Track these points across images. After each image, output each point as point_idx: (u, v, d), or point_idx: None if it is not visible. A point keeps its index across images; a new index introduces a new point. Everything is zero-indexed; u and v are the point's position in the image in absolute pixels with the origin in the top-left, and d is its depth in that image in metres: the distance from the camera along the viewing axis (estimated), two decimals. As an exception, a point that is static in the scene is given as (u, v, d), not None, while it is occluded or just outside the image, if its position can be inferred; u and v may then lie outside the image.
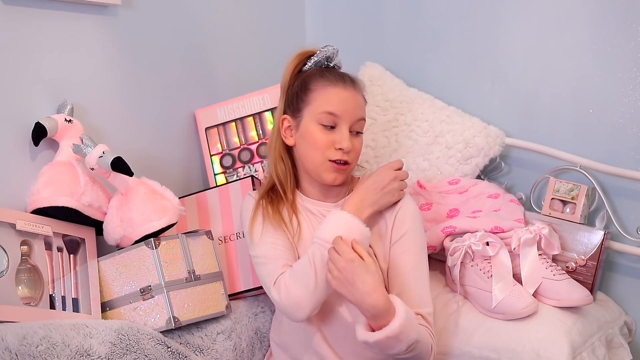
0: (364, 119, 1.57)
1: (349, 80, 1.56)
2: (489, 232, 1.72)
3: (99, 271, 1.56)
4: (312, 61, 1.59)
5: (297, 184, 1.62)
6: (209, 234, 1.66)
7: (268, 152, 1.63)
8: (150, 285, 1.51)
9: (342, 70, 1.62)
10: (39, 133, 1.54)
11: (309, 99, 1.55)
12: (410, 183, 1.94)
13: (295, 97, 1.57)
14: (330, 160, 1.52)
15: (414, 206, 1.58)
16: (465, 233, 1.75)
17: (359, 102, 1.56)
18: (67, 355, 1.31)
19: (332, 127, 1.53)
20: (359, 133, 1.56)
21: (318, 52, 1.59)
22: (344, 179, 1.56)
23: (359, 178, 1.65)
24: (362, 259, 1.36)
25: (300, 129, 1.56)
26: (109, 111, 1.74)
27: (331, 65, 1.60)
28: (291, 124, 1.58)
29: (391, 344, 1.36)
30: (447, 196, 1.87)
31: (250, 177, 1.76)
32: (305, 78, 1.58)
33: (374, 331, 1.37)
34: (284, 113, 1.59)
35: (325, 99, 1.53)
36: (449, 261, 1.73)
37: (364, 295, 1.35)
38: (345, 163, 1.53)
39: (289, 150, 1.61)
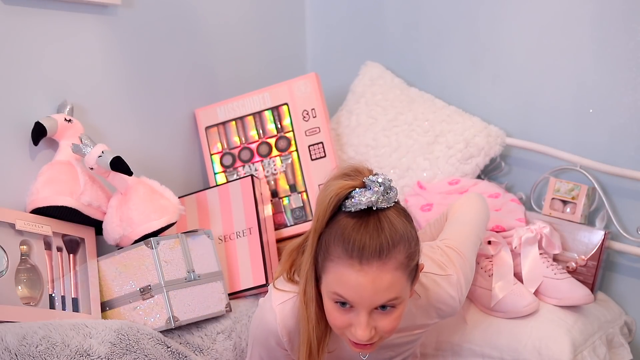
0: (393, 299, 1.19)
1: (369, 255, 1.17)
2: (490, 230, 1.72)
3: (98, 271, 1.56)
4: (350, 205, 1.20)
5: None
6: (208, 233, 1.66)
7: (301, 299, 1.28)
8: (150, 285, 1.51)
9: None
10: (39, 132, 1.54)
11: (326, 267, 1.22)
12: (411, 183, 1.95)
13: (319, 254, 1.24)
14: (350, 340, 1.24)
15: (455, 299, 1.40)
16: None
17: (384, 282, 1.18)
18: (66, 355, 1.31)
19: (349, 306, 1.20)
20: (389, 307, 1.20)
21: (354, 196, 1.20)
22: (375, 349, 1.26)
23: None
24: None
25: (321, 291, 1.26)
26: (108, 111, 1.74)
27: (374, 208, 1.20)
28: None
29: None
30: (447, 197, 1.87)
31: (250, 177, 1.76)
32: (328, 238, 1.22)
33: None
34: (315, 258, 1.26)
35: (336, 277, 1.20)
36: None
37: None
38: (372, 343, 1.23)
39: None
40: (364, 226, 1.19)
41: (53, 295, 1.47)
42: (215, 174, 1.94)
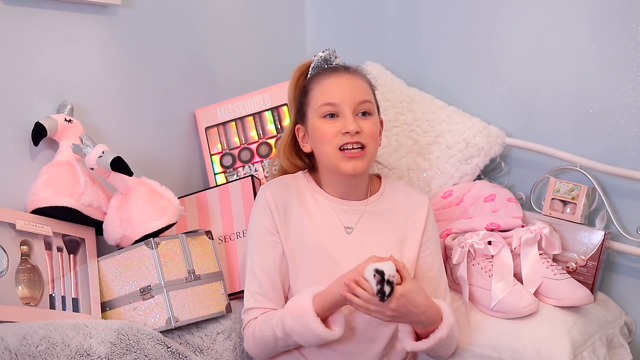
0: (368, 101, 1.54)
1: (342, 69, 1.57)
2: (485, 229, 1.72)
3: (98, 271, 1.56)
4: (311, 69, 1.61)
5: (321, 185, 1.61)
6: (209, 233, 1.66)
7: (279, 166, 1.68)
8: (150, 285, 1.51)
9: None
10: (39, 133, 1.54)
11: (309, 99, 1.57)
12: (411, 184, 1.94)
13: (300, 104, 1.60)
14: (341, 150, 1.50)
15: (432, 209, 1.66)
16: (461, 234, 1.76)
17: (358, 85, 1.55)
18: (67, 355, 1.31)
19: (336, 116, 1.52)
20: (367, 114, 1.53)
21: (314, 57, 1.61)
22: (364, 166, 1.53)
23: (379, 177, 1.66)
24: (406, 282, 1.38)
25: (309, 131, 1.57)
26: (109, 111, 1.74)
27: (332, 65, 1.60)
28: (304, 131, 1.59)
29: (437, 349, 1.46)
30: (444, 212, 1.87)
31: (250, 177, 1.76)
32: (304, 84, 1.61)
33: (419, 339, 1.45)
34: (297, 123, 1.61)
35: (321, 92, 1.54)
36: (453, 259, 1.72)
37: (419, 315, 1.40)
38: (360, 147, 1.50)
39: (297, 160, 1.65)
40: (330, 67, 1.58)
41: (53, 295, 1.47)
42: (215, 174, 1.94)
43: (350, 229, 1.57)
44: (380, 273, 1.31)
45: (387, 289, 1.31)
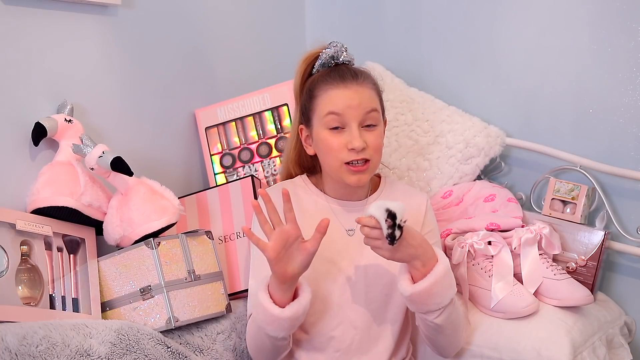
0: (375, 110, 1.52)
1: (350, 77, 1.52)
2: (485, 229, 1.72)
3: (99, 271, 1.56)
4: (318, 64, 1.59)
5: (321, 187, 1.61)
6: (209, 233, 1.66)
7: (283, 164, 1.69)
8: (150, 285, 1.51)
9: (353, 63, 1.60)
10: (39, 133, 1.54)
11: (315, 106, 1.54)
12: (411, 184, 1.94)
13: (305, 107, 1.58)
14: (346, 164, 1.49)
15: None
16: (461, 234, 1.76)
17: (365, 94, 1.51)
18: (67, 355, 1.31)
19: (342, 128, 1.50)
20: (372, 126, 1.51)
21: (321, 52, 1.58)
22: (367, 178, 1.53)
23: (379, 177, 1.67)
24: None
25: (314, 137, 1.56)
26: (108, 111, 1.74)
27: (339, 62, 1.58)
28: (308, 133, 1.58)
29: (437, 292, 1.39)
30: (444, 212, 1.87)
31: (250, 177, 1.76)
32: (310, 85, 1.57)
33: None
34: (300, 123, 1.60)
35: (327, 102, 1.51)
36: (453, 259, 1.73)
37: (417, 249, 1.39)
38: (365, 162, 1.50)
39: (305, 158, 1.64)
40: (336, 69, 1.55)
41: (53, 295, 1.47)
42: (215, 174, 1.94)
43: (352, 231, 1.57)
44: (392, 217, 1.31)
45: (397, 233, 1.31)
